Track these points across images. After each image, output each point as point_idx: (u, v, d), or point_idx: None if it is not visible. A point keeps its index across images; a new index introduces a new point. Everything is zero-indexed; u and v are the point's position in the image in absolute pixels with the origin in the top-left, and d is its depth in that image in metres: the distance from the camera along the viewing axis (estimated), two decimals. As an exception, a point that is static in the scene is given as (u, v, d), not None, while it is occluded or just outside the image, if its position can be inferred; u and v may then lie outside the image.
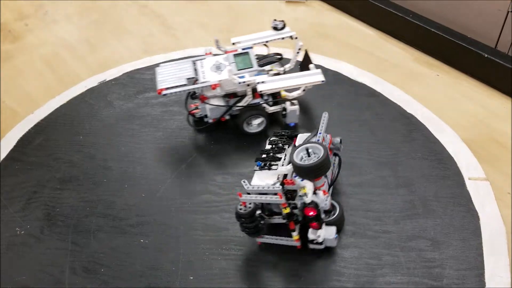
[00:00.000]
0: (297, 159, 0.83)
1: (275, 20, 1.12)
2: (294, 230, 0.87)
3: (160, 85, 1.07)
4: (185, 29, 1.53)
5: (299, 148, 0.85)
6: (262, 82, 1.03)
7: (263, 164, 0.90)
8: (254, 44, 1.12)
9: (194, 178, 1.07)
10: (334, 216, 0.89)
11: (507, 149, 1.07)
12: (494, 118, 1.14)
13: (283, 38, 1.13)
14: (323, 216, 0.86)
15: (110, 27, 1.57)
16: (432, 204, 0.95)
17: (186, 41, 1.48)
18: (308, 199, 0.80)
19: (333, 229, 0.87)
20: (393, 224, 0.93)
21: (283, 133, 0.99)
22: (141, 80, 1.35)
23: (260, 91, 1.03)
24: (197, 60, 1.12)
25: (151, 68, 1.39)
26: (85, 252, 0.95)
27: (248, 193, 0.86)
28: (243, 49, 1.11)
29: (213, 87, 1.06)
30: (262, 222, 0.85)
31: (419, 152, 1.06)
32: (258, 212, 0.84)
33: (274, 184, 0.86)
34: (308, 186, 0.82)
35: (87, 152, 1.16)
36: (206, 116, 1.14)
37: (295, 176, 0.84)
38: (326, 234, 0.87)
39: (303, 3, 1.57)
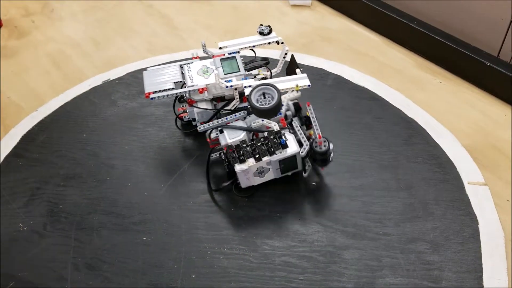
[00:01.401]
0: (257, 104, 0.97)
1: (261, 25, 1.14)
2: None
3: (148, 88, 1.08)
4: (190, 29, 1.54)
5: (254, 91, 0.98)
6: (249, 86, 1.04)
7: (283, 137, 0.97)
8: (241, 48, 1.13)
9: (196, 177, 1.08)
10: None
11: (507, 157, 1.08)
12: (495, 126, 1.16)
13: (269, 43, 1.13)
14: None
15: (115, 26, 1.58)
16: (432, 208, 0.97)
17: (190, 41, 1.49)
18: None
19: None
20: (393, 227, 0.94)
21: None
22: (145, 80, 1.36)
23: (247, 95, 1.04)
24: (184, 64, 1.13)
25: (156, 68, 1.40)
26: (88, 249, 0.96)
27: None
28: (230, 53, 1.12)
29: (201, 91, 1.07)
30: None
31: (419, 156, 1.07)
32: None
33: (300, 124, 1.02)
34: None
35: (91, 150, 1.17)
36: (194, 119, 1.14)
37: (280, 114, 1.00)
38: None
39: (308, 6, 1.59)
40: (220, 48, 1.14)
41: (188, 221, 1.00)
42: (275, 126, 0.98)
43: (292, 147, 0.96)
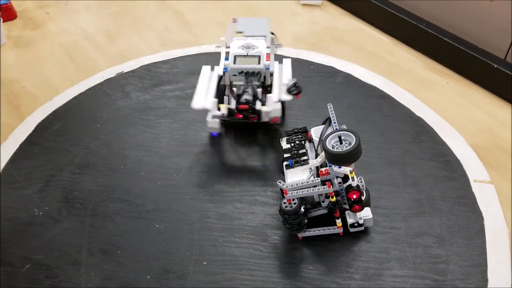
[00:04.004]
0: (330, 148, 0.84)
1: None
2: (338, 218, 0.91)
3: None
4: (202, 26, 1.57)
5: (330, 136, 0.86)
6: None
7: (294, 161, 0.94)
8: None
9: (208, 168, 1.10)
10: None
11: (512, 156, 1.11)
12: (501, 127, 1.18)
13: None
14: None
15: (129, 20, 1.61)
16: (439, 204, 0.99)
17: (203, 37, 1.52)
18: (354, 183, 0.85)
19: (368, 210, 0.92)
20: (401, 221, 0.97)
21: (295, 130, 1.03)
22: (158, 73, 1.39)
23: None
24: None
25: (168, 62, 1.43)
26: (102, 235, 0.99)
27: None
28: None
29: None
30: (306, 218, 0.90)
31: (427, 154, 1.10)
32: (303, 208, 0.88)
33: (309, 177, 0.90)
34: (351, 170, 0.85)
35: (104, 139, 1.19)
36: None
37: (329, 166, 0.86)
38: (363, 215, 0.92)
39: (318, 6, 1.61)
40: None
41: (200, 210, 1.02)
42: (314, 161, 0.90)
43: (289, 176, 0.93)
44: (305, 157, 0.95)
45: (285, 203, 0.88)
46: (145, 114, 1.26)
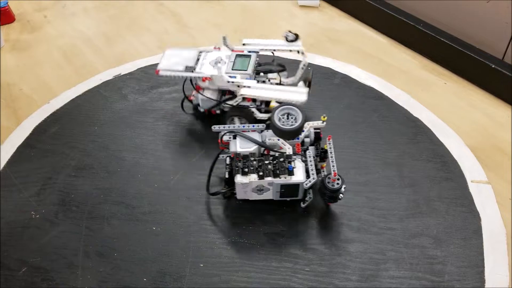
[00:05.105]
0: (279, 123, 0.95)
1: (289, 31, 1.14)
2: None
3: (160, 66, 1.14)
4: (200, 28, 1.57)
5: (276, 112, 0.96)
6: (248, 86, 1.06)
7: (293, 165, 0.94)
8: (262, 49, 1.15)
9: (204, 171, 1.10)
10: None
11: (510, 157, 1.10)
12: (499, 127, 1.18)
13: (290, 51, 1.14)
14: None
15: (127, 22, 1.61)
16: (436, 204, 0.99)
17: (200, 39, 1.52)
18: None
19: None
20: (398, 222, 0.96)
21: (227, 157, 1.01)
22: (155, 76, 1.38)
23: (240, 95, 1.06)
24: (203, 52, 1.17)
25: (166, 64, 1.43)
26: (98, 237, 0.98)
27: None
28: (249, 51, 1.14)
29: (204, 79, 1.10)
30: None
31: (424, 154, 1.09)
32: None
33: (314, 154, 0.98)
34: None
35: (101, 142, 1.19)
36: (198, 105, 1.18)
37: (297, 138, 0.98)
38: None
39: (316, 7, 1.61)
40: (244, 44, 1.17)
41: (196, 212, 1.02)
42: (289, 150, 0.95)
43: (298, 176, 0.92)
44: (284, 155, 0.95)
45: (329, 182, 0.92)
46: (142, 116, 1.26)
